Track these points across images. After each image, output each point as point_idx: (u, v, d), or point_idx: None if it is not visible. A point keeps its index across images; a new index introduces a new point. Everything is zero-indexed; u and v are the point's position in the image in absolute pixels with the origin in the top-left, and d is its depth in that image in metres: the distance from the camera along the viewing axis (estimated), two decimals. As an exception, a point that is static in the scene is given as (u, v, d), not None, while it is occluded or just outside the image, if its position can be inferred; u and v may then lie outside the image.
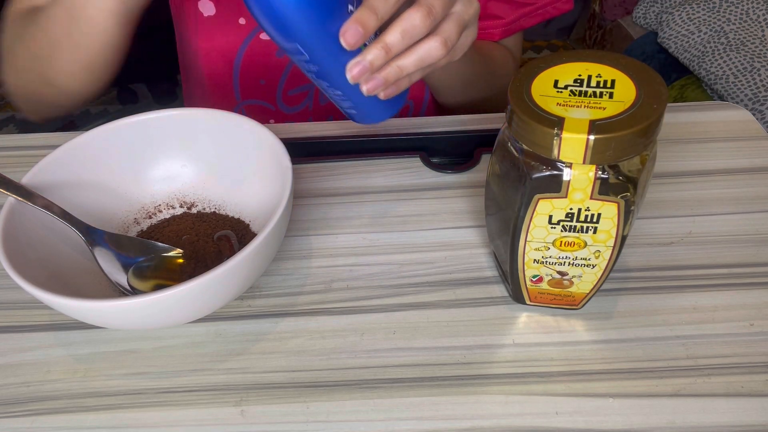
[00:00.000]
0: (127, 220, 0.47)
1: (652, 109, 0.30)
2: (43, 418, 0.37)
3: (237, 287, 0.38)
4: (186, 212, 0.49)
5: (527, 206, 0.34)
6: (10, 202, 0.39)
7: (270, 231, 0.37)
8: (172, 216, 0.48)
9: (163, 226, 0.47)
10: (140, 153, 0.48)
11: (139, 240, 0.44)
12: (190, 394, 0.38)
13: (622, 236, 0.35)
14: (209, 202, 0.49)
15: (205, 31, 0.61)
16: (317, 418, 0.37)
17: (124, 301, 0.33)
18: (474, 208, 0.50)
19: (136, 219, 0.48)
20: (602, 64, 0.33)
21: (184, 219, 0.48)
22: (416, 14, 0.36)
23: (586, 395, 0.37)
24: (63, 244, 0.42)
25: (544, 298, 0.41)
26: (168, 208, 0.49)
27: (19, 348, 0.41)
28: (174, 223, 0.48)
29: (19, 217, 0.39)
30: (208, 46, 0.62)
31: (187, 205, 0.49)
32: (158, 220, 0.48)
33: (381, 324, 0.42)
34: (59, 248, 0.41)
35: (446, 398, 0.37)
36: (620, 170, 0.32)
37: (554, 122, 0.30)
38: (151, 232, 0.47)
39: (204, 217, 0.48)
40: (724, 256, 0.45)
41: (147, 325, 0.38)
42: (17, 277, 0.34)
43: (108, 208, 0.47)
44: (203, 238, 0.46)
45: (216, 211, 0.49)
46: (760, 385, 0.37)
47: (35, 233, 0.40)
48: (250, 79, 0.65)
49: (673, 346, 0.39)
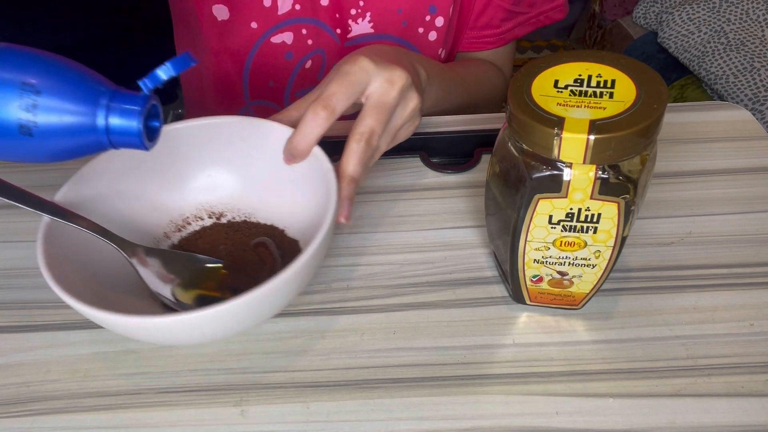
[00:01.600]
0: (157, 235, 0.46)
1: (652, 109, 0.30)
2: (43, 418, 0.37)
3: (295, 292, 0.37)
4: (216, 222, 0.48)
5: (527, 206, 0.34)
6: (46, 222, 0.38)
7: (326, 231, 0.36)
8: (202, 228, 0.47)
9: (195, 239, 0.47)
10: (167, 165, 0.46)
11: (180, 253, 0.43)
12: (190, 394, 0.38)
13: (622, 236, 0.35)
14: (239, 210, 0.48)
15: (218, 33, 0.61)
16: (317, 418, 0.37)
17: (190, 315, 0.32)
18: (474, 208, 0.50)
19: (166, 233, 0.47)
20: (602, 64, 0.33)
21: (216, 230, 0.47)
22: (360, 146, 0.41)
23: (586, 395, 0.37)
24: (100, 257, 0.40)
25: (544, 298, 0.41)
26: (196, 219, 0.48)
27: (19, 348, 0.41)
28: (206, 234, 0.47)
29: (56, 235, 0.38)
30: (220, 48, 0.63)
31: (216, 215, 0.48)
32: (188, 232, 0.47)
33: (381, 324, 0.42)
34: (98, 262, 0.40)
35: (446, 398, 0.37)
36: (620, 170, 0.32)
37: (554, 122, 0.30)
38: (183, 245, 0.46)
39: (235, 226, 0.47)
40: (724, 256, 0.45)
41: (205, 338, 0.37)
42: (71, 299, 0.33)
43: (137, 225, 0.45)
44: (240, 247, 0.45)
45: (247, 220, 0.48)
46: (760, 385, 0.37)
47: (73, 250, 0.39)
48: (260, 81, 0.65)
49: (673, 346, 0.39)
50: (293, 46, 0.62)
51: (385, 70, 0.42)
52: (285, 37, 0.62)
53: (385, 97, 0.42)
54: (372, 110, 0.42)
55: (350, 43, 0.64)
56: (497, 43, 0.68)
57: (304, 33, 0.62)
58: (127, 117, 0.32)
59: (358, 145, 0.41)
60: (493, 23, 0.66)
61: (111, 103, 0.32)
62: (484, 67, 0.69)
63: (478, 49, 0.69)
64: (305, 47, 0.63)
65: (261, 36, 0.61)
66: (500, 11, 0.65)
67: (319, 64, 0.65)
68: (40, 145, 0.29)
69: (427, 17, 0.62)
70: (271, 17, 0.60)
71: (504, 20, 0.66)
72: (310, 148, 0.42)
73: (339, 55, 0.64)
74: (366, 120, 0.41)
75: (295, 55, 0.63)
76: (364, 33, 0.63)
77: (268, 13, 0.60)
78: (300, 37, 0.62)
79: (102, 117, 0.32)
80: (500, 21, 0.66)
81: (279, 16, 0.60)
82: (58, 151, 0.31)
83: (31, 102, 0.29)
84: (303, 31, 0.62)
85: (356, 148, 0.41)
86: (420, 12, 0.62)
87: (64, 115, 0.30)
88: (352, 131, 0.41)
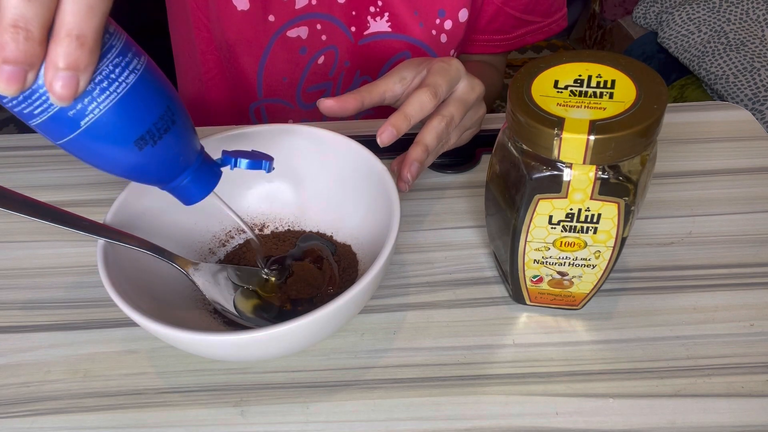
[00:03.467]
0: (202, 251, 0.46)
1: (652, 109, 0.30)
2: (43, 418, 0.37)
3: (365, 301, 0.37)
4: (258, 234, 0.47)
5: (527, 206, 0.34)
6: (101, 245, 0.37)
7: (395, 236, 0.36)
8: (246, 240, 0.47)
9: (242, 252, 0.46)
10: None
11: (236, 266, 0.43)
12: (190, 394, 0.38)
13: (622, 237, 0.35)
14: (280, 220, 0.48)
15: (237, 24, 0.62)
16: (317, 418, 0.37)
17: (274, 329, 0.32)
18: (474, 208, 0.50)
19: (211, 249, 0.46)
20: (602, 64, 0.33)
21: (261, 241, 0.46)
22: (441, 125, 0.45)
23: (586, 395, 0.37)
24: (156, 274, 0.40)
25: (544, 298, 0.41)
26: (239, 233, 0.47)
27: (19, 348, 0.41)
28: (251, 247, 0.45)
29: (113, 257, 0.38)
30: (238, 39, 0.63)
31: (258, 227, 0.48)
32: (233, 246, 0.47)
33: (381, 324, 0.42)
34: (155, 278, 0.40)
35: (446, 398, 0.37)
36: (620, 170, 0.32)
37: (554, 122, 0.30)
38: (232, 258, 0.46)
39: (280, 236, 0.47)
40: (724, 256, 0.45)
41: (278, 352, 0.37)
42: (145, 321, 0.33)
43: (184, 244, 0.45)
44: (290, 256, 0.45)
45: (290, 229, 0.47)
46: (760, 385, 0.37)
47: (130, 267, 0.39)
48: (274, 76, 0.66)
49: (673, 346, 0.39)
50: (307, 41, 0.63)
51: (469, 76, 0.47)
52: (300, 31, 0.62)
53: (467, 96, 0.47)
54: (456, 102, 0.46)
55: (364, 41, 0.64)
56: (507, 48, 0.71)
57: (318, 28, 0.62)
58: (199, 188, 0.34)
59: (440, 123, 0.45)
60: (504, 29, 0.69)
61: (196, 172, 0.34)
62: (487, 70, 0.71)
63: (488, 52, 0.71)
64: (319, 43, 0.63)
65: (278, 29, 0.62)
66: (510, 19, 0.68)
67: (332, 60, 0.65)
68: (135, 161, 0.31)
69: (437, 20, 0.63)
70: (288, 11, 0.61)
71: (514, 27, 0.69)
72: (412, 125, 0.43)
73: (351, 53, 0.65)
74: (450, 107, 0.46)
75: (309, 50, 0.64)
76: (381, 31, 0.64)
77: (286, 6, 0.60)
78: (314, 32, 0.63)
79: (183, 179, 0.33)
80: (511, 27, 0.69)
81: (296, 10, 0.61)
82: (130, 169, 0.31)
83: (164, 128, 0.30)
84: (318, 26, 0.62)
85: (437, 125, 0.45)
86: (431, 15, 0.63)
87: (169, 155, 0.32)
88: (435, 112, 0.45)
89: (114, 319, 0.43)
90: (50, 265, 0.47)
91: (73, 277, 0.46)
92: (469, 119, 0.49)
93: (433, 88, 0.43)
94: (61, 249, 0.48)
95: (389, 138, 0.42)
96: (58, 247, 0.48)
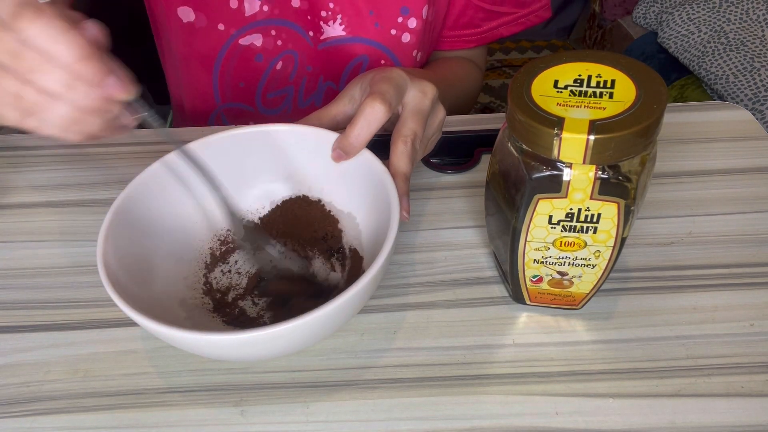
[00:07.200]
0: (203, 251, 0.46)
1: (652, 109, 0.30)
2: (43, 418, 0.37)
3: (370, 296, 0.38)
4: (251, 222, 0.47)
5: (527, 206, 0.34)
6: (101, 245, 0.37)
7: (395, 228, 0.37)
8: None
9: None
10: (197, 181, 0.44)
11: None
12: (190, 394, 0.38)
13: (622, 236, 0.35)
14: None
15: (185, 37, 0.62)
16: (317, 418, 0.37)
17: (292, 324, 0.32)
18: (474, 208, 0.50)
19: (211, 249, 0.46)
20: (602, 64, 0.33)
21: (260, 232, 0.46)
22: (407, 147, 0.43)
23: (586, 395, 0.37)
24: (156, 274, 0.41)
25: (544, 298, 0.41)
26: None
27: (19, 348, 0.41)
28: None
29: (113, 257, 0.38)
30: (187, 51, 0.63)
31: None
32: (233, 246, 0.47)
33: (381, 324, 0.42)
34: (155, 278, 0.40)
35: (446, 398, 0.37)
36: (620, 170, 0.32)
37: (554, 122, 0.30)
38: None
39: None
40: (724, 256, 0.45)
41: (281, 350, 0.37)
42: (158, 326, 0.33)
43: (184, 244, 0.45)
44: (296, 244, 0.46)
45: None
46: (760, 385, 0.37)
47: (130, 267, 0.39)
48: (230, 83, 0.65)
49: (673, 346, 0.39)
50: (262, 48, 0.63)
51: (416, 81, 0.44)
52: (253, 38, 0.62)
53: (421, 104, 0.44)
54: (412, 115, 0.44)
55: (323, 45, 0.64)
56: (478, 42, 0.69)
57: (273, 34, 0.62)
58: None
59: (406, 146, 0.43)
60: (473, 23, 0.67)
61: None
62: (462, 65, 0.69)
63: (458, 47, 0.69)
64: (275, 48, 0.63)
65: (229, 38, 0.61)
66: (480, 11, 0.66)
67: (291, 65, 0.65)
68: None
69: (400, 19, 0.62)
70: (238, 19, 0.60)
71: (485, 20, 0.67)
72: (365, 143, 0.42)
73: (313, 58, 0.64)
74: (408, 123, 0.43)
75: (265, 57, 0.63)
76: (336, 36, 0.63)
77: (235, 14, 0.60)
78: (269, 39, 0.62)
79: None
80: (481, 21, 0.67)
81: (246, 17, 0.60)
82: None
83: None
84: (272, 32, 0.62)
85: (404, 149, 0.43)
86: (391, 14, 0.61)
87: None
88: (396, 135, 0.43)
89: (114, 319, 0.43)
90: (50, 265, 0.47)
91: (73, 277, 0.46)
92: (431, 127, 0.47)
93: (380, 95, 0.42)
94: (61, 249, 0.48)
95: (338, 158, 0.43)
96: (58, 247, 0.48)
